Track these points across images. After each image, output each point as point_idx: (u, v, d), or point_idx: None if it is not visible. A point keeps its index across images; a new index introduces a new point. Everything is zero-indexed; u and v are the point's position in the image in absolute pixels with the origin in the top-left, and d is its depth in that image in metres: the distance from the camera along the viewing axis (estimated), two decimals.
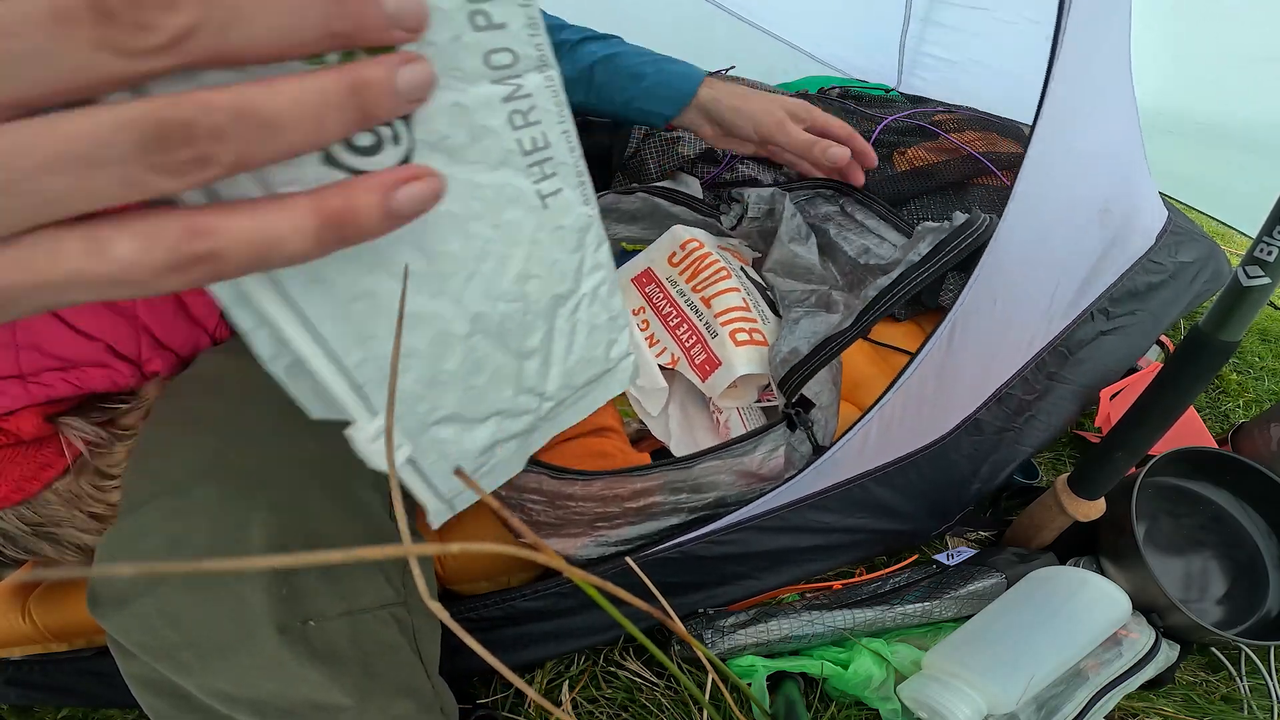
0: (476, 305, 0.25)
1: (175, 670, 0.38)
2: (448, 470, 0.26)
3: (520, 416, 0.28)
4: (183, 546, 0.37)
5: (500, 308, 0.25)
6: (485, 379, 0.26)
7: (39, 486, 0.46)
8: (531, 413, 0.28)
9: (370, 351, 0.23)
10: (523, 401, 0.28)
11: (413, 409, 0.25)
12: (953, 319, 0.67)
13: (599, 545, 0.58)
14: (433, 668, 0.49)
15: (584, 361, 0.30)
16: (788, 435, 0.54)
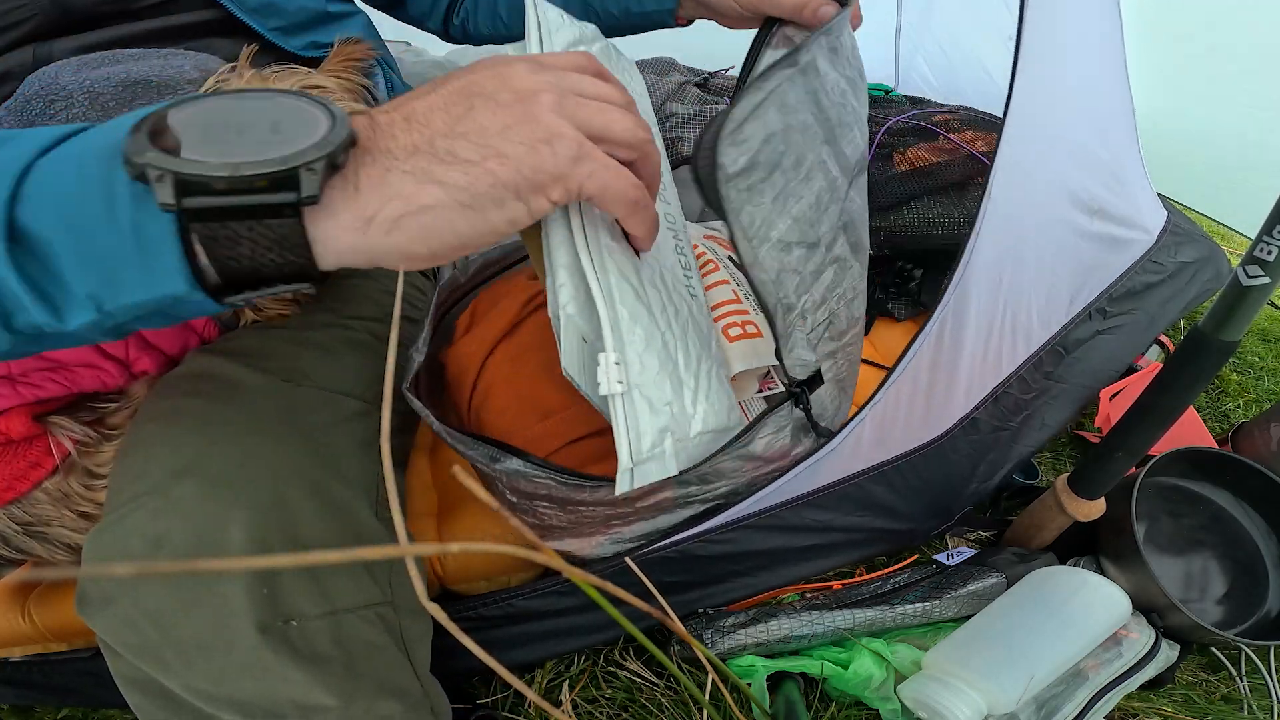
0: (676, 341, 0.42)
1: (159, 670, 0.38)
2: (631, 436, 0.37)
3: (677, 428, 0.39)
4: (164, 545, 0.37)
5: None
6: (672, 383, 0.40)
7: (29, 486, 0.46)
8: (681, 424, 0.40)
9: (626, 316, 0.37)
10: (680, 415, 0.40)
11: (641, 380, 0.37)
12: (941, 318, 0.68)
13: (614, 543, 0.58)
14: (422, 667, 0.49)
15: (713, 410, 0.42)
16: (791, 415, 0.53)
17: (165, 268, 0.26)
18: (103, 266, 0.26)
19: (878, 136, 0.95)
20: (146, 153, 0.24)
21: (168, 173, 0.24)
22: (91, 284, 0.26)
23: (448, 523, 0.67)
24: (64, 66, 0.47)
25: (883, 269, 0.97)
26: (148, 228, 0.25)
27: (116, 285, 0.26)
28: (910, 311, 0.98)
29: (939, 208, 0.91)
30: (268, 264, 0.27)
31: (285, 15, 0.59)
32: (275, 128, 0.27)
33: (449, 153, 0.29)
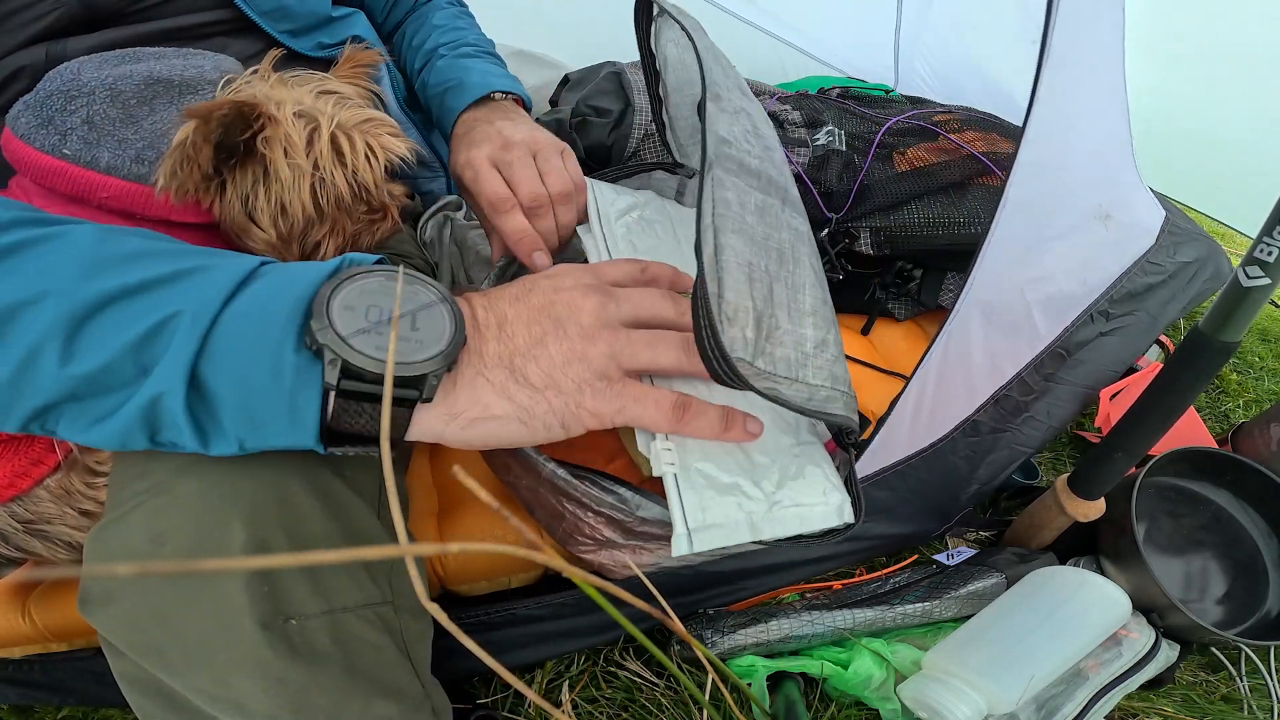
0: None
1: (161, 668, 0.38)
2: (699, 498, 0.38)
3: (750, 499, 0.40)
4: (165, 543, 0.37)
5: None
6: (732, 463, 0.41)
7: (30, 483, 0.46)
8: (756, 500, 0.40)
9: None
10: (751, 489, 0.40)
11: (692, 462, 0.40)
12: (952, 327, 0.67)
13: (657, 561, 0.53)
14: (423, 668, 0.49)
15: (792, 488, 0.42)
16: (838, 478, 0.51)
17: (304, 429, 0.32)
18: (255, 420, 0.32)
19: (878, 136, 0.95)
20: (328, 334, 0.30)
21: (339, 359, 0.30)
22: (242, 430, 0.32)
23: (448, 523, 0.67)
24: (85, 63, 0.47)
25: (883, 269, 0.97)
26: (300, 397, 0.32)
27: (261, 434, 0.33)
28: (910, 311, 0.98)
29: (939, 208, 0.91)
30: (368, 433, 0.33)
31: (296, 19, 0.61)
32: (414, 324, 0.33)
33: (522, 374, 0.35)
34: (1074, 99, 0.74)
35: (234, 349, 0.31)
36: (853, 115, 1.00)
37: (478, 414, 0.34)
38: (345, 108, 0.48)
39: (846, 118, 0.99)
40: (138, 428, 0.32)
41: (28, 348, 0.30)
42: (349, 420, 0.33)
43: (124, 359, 0.30)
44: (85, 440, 0.32)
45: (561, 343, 0.36)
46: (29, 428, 0.32)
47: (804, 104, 1.02)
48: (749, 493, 0.40)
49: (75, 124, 0.44)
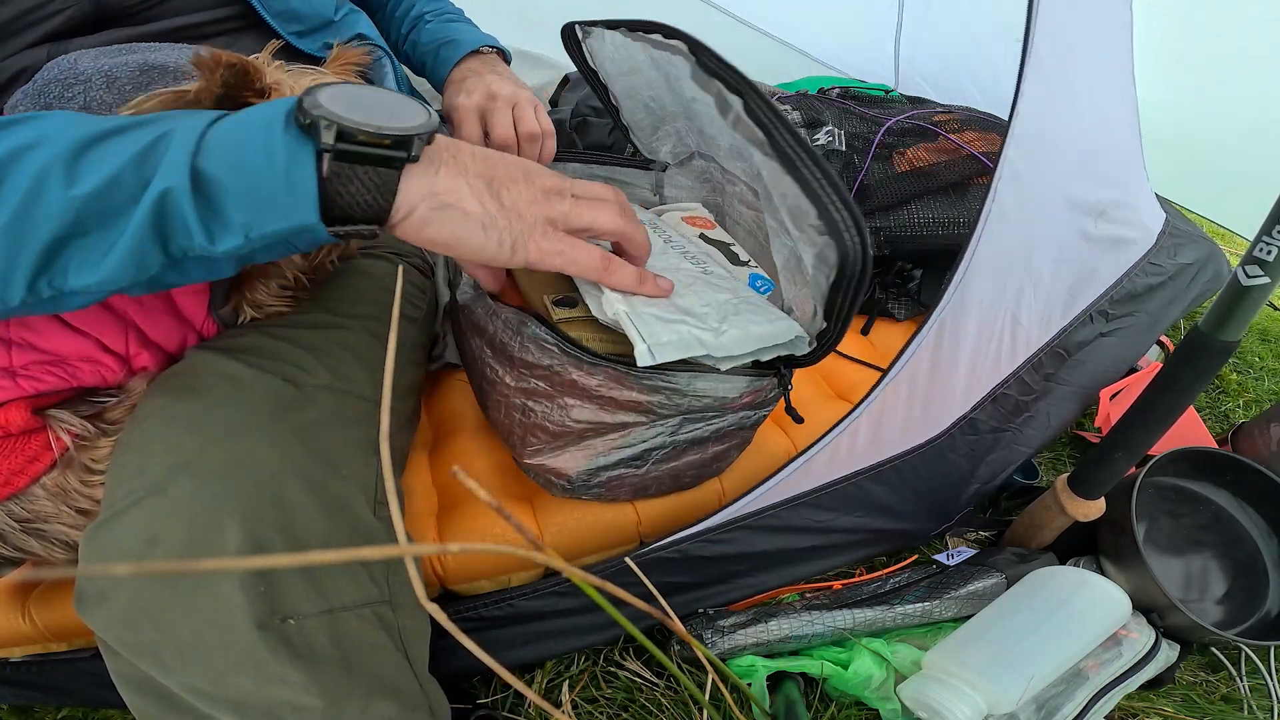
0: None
1: (156, 667, 0.38)
2: (650, 328, 0.46)
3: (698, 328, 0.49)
4: (160, 543, 0.37)
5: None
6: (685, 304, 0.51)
7: (27, 481, 0.46)
8: (704, 329, 0.49)
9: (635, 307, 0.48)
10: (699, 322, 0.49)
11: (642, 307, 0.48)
12: (940, 318, 0.68)
13: (593, 464, 0.59)
14: (421, 667, 0.49)
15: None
16: (773, 385, 0.58)
17: (303, 201, 0.35)
18: (256, 201, 0.34)
19: (878, 136, 0.95)
20: (320, 107, 0.34)
21: (334, 122, 0.34)
22: (246, 215, 0.34)
23: (448, 522, 0.67)
24: (82, 55, 0.48)
25: (883, 269, 0.97)
26: (295, 172, 0.34)
27: (264, 216, 0.35)
28: (910, 311, 0.98)
29: (939, 208, 0.91)
30: (360, 204, 0.36)
31: (303, 20, 0.63)
32: (393, 111, 0.37)
33: (496, 193, 0.41)
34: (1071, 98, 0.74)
35: (227, 142, 0.34)
36: (852, 115, 1.00)
37: (452, 200, 0.39)
38: None
39: (846, 118, 0.99)
40: (149, 239, 0.34)
41: (32, 177, 0.32)
42: (344, 188, 0.35)
43: (126, 172, 0.33)
44: (96, 279, 0.34)
45: (528, 188, 0.42)
46: (38, 287, 0.33)
47: (804, 104, 1.02)
48: (694, 325, 0.48)
49: (72, 110, 0.44)
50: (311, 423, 0.46)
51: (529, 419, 0.56)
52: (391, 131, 0.35)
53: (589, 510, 0.68)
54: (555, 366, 0.51)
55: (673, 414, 0.55)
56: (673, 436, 0.59)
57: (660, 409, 0.54)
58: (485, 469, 0.73)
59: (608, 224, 0.46)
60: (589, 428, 0.55)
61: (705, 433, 0.60)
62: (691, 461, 0.63)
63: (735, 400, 0.56)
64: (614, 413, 0.54)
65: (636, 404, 0.53)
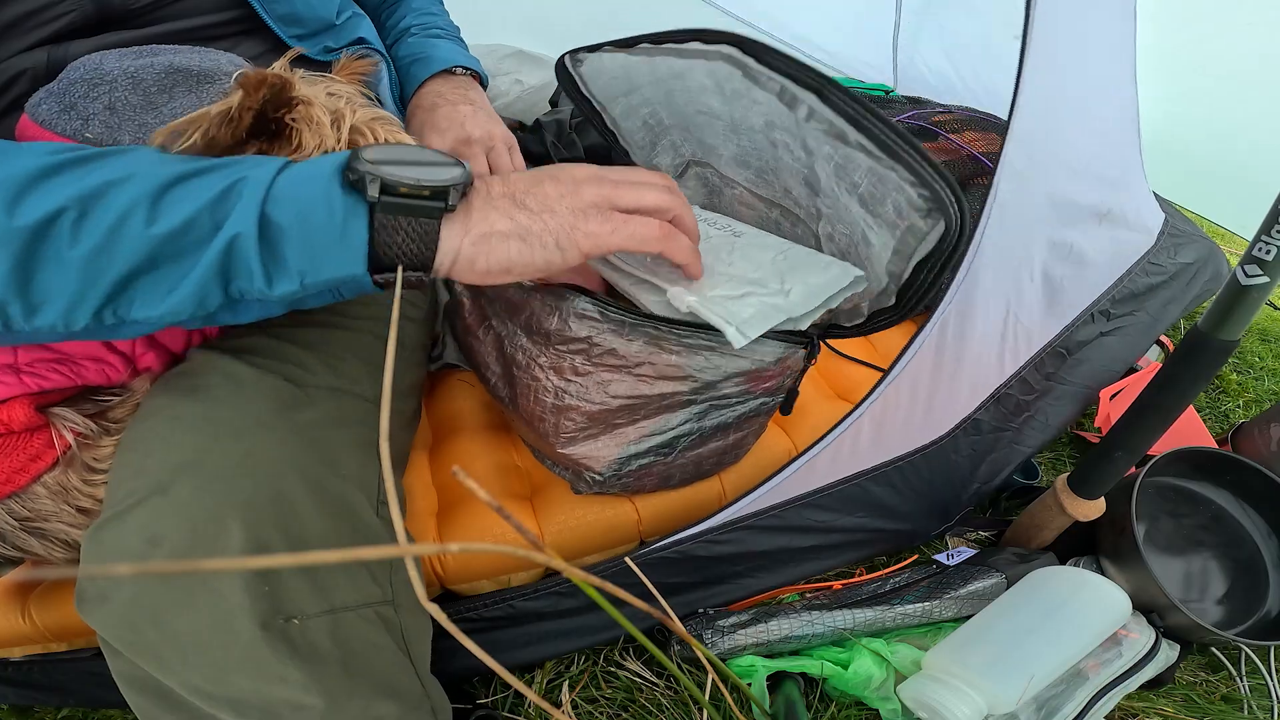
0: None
1: (157, 667, 0.38)
2: (728, 309, 0.48)
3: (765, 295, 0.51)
4: (162, 543, 0.37)
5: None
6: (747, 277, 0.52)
7: (28, 479, 0.46)
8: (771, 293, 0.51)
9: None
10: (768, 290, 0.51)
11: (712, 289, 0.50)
12: (942, 318, 0.68)
13: (624, 452, 0.60)
14: (423, 667, 0.49)
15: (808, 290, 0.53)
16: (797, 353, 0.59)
17: (354, 252, 0.38)
18: (314, 250, 0.37)
19: None
20: (366, 164, 0.37)
21: (379, 177, 0.37)
22: (303, 263, 0.37)
23: (448, 522, 0.67)
24: (106, 55, 0.48)
25: None
26: (350, 225, 0.37)
27: (319, 264, 0.37)
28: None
29: None
30: (406, 253, 0.39)
31: (305, 24, 0.63)
32: (431, 165, 0.39)
33: (522, 203, 0.42)
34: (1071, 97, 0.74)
35: (294, 195, 0.37)
36: None
37: (486, 229, 0.40)
38: (358, 104, 0.50)
39: None
40: (214, 280, 0.36)
41: (118, 213, 0.34)
42: (390, 239, 0.38)
43: (202, 214, 0.35)
44: (158, 313, 0.36)
45: (556, 185, 0.43)
46: (103, 315, 0.36)
47: None
48: (761, 294, 0.50)
49: (97, 109, 0.45)
50: (313, 422, 0.46)
51: (563, 401, 0.57)
52: (430, 183, 0.38)
53: (589, 510, 0.68)
54: (594, 337, 0.53)
55: (714, 377, 0.57)
56: (700, 422, 0.60)
57: (700, 373, 0.56)
58: (485, 469, 0.73)
59: (655, 200, 0.45)
60: (626, 404, 0.56)
61: (730, 418, 0.61)
62: (714, 448, 0.64)
63: (768, 368, 0.58)
64: (653, 383, 0.55)
65: (676, 370, 0.55)
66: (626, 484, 0.63)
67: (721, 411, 0.60)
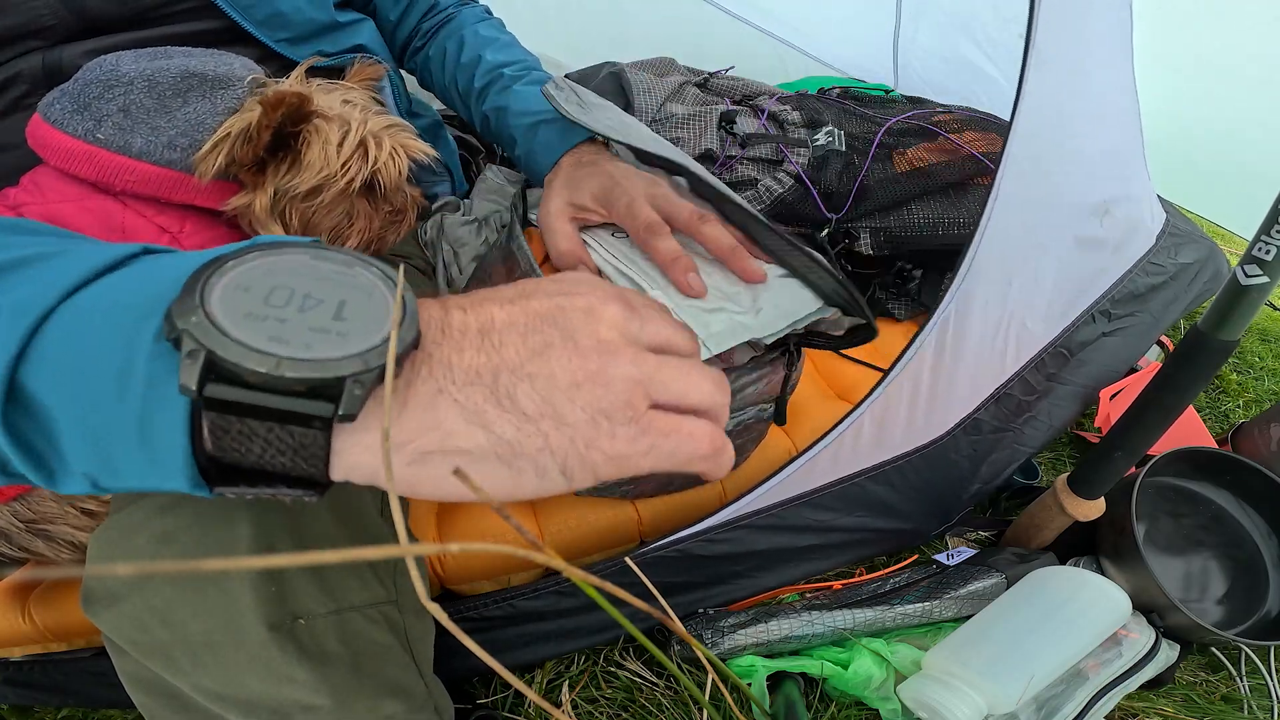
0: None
1: (166, 668, 0.38)
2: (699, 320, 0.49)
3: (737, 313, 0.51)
4: (171, 543, 0.37)
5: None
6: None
7: None
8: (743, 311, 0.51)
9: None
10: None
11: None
12: (942, 318, 0.68)
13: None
14: (426, 667, 0.50)
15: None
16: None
17: (166, 465, 0.23)
18: (102, 449, 0.24)
19: (877, 137, 0.95)
20: (191, 317, 0.21)
21: (202, 349, 0.21)
22: (89, 464, 0.24)
23: (447, 522, 0.67)
24: (122, 57, 0.48)
25: (883, 269, 0.97)
26: (156, 417, 0.23)
27: (114, 470, 0.24)
28: (910, 311, 0.98)
29: (939, 208, 0.91)
30: (275, 467, 0.24)
31: (292, 27, 0.60)
32: (339, 312, 0.24)
33: (509, 396, 0.25)
34: (1074, 97, 0.74)
35: (68, 349, 0.23)
36: (853, 115, 1.00)
37: (434, 445, 0.25)
38: (371, 114, 0.51)
39: (846, 118, 0.99)
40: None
41: None
42: (236, 446, 0.23)
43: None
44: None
45: (571, 358, 0.26)
46: None
47: (804, 104, 1.02)
48: (734, 310, 0.51)
49: (111, 111, 0.45)
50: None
51: None
52: (301, 375, 0.22)
53: (589, 510, 0.68)
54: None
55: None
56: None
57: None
58: None
59: (703, 398, 0.29)
60: None
61: (729, 427, 0.61)
62: None
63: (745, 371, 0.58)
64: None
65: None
66: (626, 490, 0.63)
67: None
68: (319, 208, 0.50)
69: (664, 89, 1.00)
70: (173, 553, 0.37)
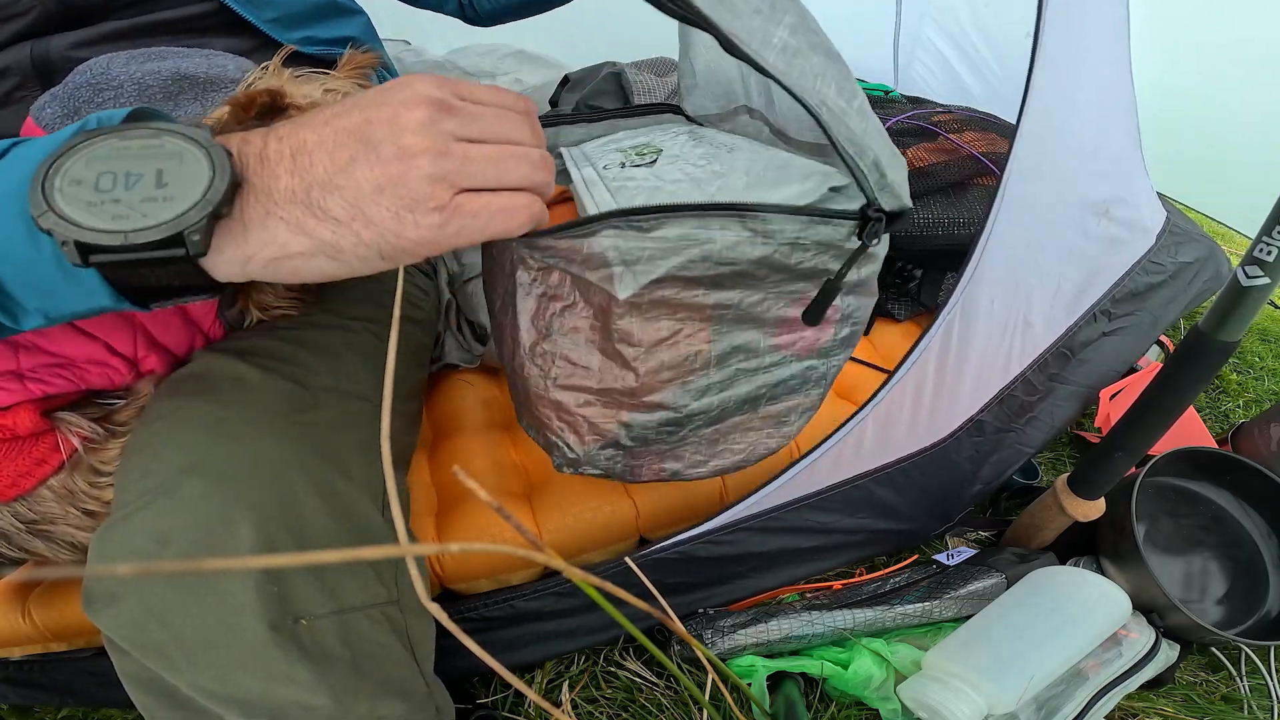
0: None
1: (165, 667, 0.38)
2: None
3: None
4: (170, 544, 0.37)
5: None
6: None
7: (34, 483, 0.46)
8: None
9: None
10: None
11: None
12: (946, 320, 0.68)
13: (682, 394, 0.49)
14: (426, 666, 0.50)
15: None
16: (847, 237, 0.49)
17: (91, 290, 0.31)
18: (41, 288, 0.31)
19: None
20: (48, 215, 0.28)
21: (70, 240, 0.28)
22: (35, 301, 0.32)
23: (447, 522, 0.67)
24: (114, 59, 0.47)
25: (883, 269, 0.97)
26: (68, 267, 0.29)
27: (56, 301, 0.32)
28: (910, 312, 0.98)
29: (939, 208, 0.91)
30: (175, 285, 0.32)
31: (280, 6, 0.58)
32: (160, 179, 0.29)
33: (321, 207, 0.31)
34: (1076, 96, 0.74)
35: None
36: None
37: (275, 254, 0.31)
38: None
39: None
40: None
41: None
42: (137, 280, 0.31)
43: None
44: None
45: (372, 167, 0.31)
46: None
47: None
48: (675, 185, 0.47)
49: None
50: (319, 424, 0.46)
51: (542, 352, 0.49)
52: (148, 238, 0.28)
53: (587, 508, 0.68)
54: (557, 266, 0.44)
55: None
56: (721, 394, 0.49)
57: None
58: (485, 469, 0.73)
59: (518, 179, 0.33)
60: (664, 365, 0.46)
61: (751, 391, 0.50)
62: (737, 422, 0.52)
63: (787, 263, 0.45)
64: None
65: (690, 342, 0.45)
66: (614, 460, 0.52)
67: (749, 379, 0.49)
68: None
69: (664, 89, 1.00)
70: (171, 554, 0.37)
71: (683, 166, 0.50)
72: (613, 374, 0.47)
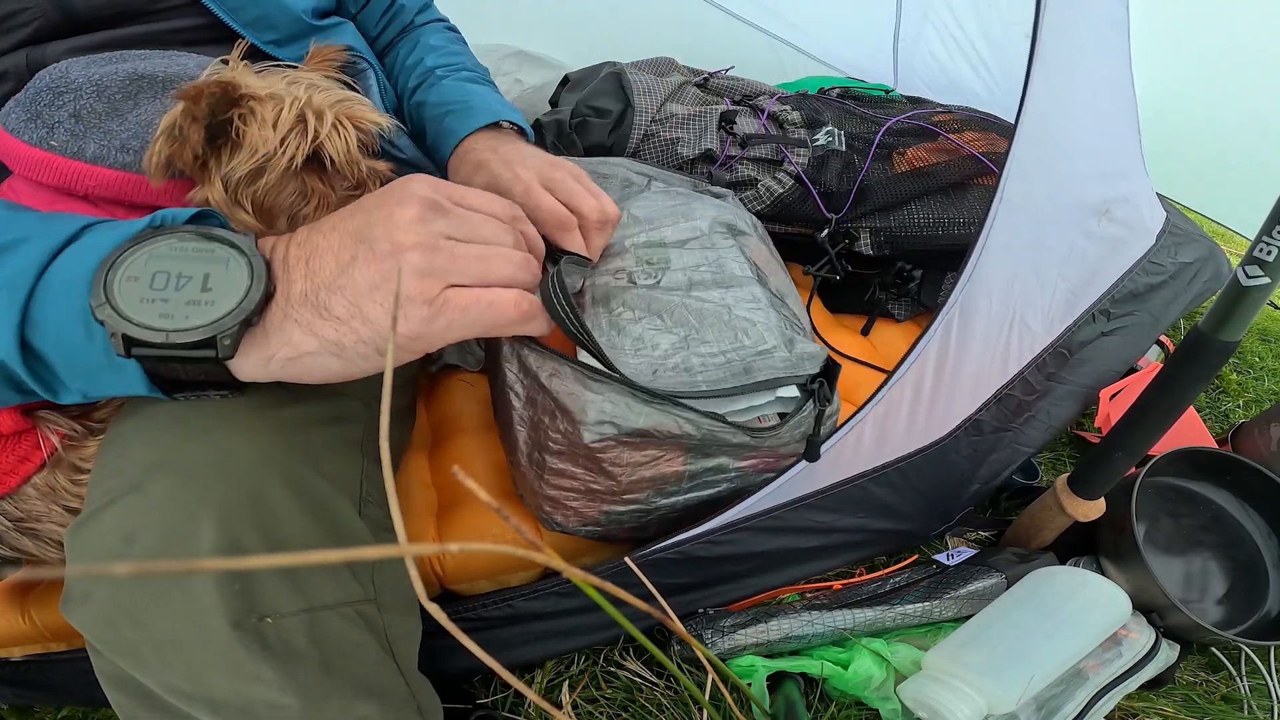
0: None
1: (135, 666, 0.38)
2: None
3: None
4: (136, 541, 0.37)
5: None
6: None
7: (18, 481, 0.46)
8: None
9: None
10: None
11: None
12: (945, 320, 0.67)
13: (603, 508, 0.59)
14: (408, 665, 0.49)
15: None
16: (809, 410, 0.58)
17: (130, 379, 0.34)
18: (86, 374, 0.34)
19: (877, 137, 0.95)
20: (104, 308, 0.31)
21: (118, 334, 0.31)
22: (79, 384, 0.35)
23: (447, 522, 0.67)
24: (73, 63, 0.48)
25: (883, 269, 0.97)
26: (115, 358, 0.33)
27: (98, 385, 0.35)
28: (910, 312, 0.98)
29: (939, 208, 0.91)
30: (203, 380, 0.36)
31: (279, 29, 0.60)
32: (206, 283, 0.33)
33: (326, 307, 0.35)
34: (1075, 96, 0.74)
35: (50, 317, 0.33)
36: (852, 115, 1.00)
37: (290, 353, 0.35)
38: (317, 91, 0.48)
39: (846, 118, 0.99)
40: (1, 386, 0.35)
41: None
42: (170, 374, 0.34)
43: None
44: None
45: (369, 264, 0.34)
46: None
47: (804, 104, 1.02)
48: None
49: (63, 118, 0.45)
50: (295, 420, 0.45)
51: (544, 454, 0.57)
52: (186, 339, 0.32)
53: None
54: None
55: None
56: (685, 496, 0.60)
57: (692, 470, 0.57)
58: (485, 469, 0.73)
59: (505, 274, 0.37)
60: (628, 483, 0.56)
61: (714, 494, 0.62)
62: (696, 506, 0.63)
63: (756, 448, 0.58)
64: (640, 468, 0.55)
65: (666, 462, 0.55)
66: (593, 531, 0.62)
67: (706, 490, 0.60)
68: (266, 189, 0.48)
69: (664, 89, 1.00)
70: (137, 552, 0.37)
71: (685, 299, 0.58)
72: (599, 482, 0.56)
